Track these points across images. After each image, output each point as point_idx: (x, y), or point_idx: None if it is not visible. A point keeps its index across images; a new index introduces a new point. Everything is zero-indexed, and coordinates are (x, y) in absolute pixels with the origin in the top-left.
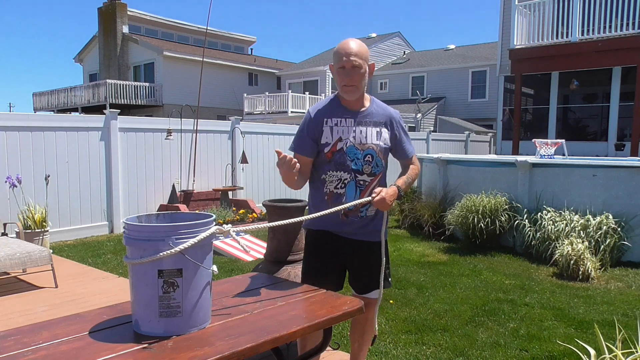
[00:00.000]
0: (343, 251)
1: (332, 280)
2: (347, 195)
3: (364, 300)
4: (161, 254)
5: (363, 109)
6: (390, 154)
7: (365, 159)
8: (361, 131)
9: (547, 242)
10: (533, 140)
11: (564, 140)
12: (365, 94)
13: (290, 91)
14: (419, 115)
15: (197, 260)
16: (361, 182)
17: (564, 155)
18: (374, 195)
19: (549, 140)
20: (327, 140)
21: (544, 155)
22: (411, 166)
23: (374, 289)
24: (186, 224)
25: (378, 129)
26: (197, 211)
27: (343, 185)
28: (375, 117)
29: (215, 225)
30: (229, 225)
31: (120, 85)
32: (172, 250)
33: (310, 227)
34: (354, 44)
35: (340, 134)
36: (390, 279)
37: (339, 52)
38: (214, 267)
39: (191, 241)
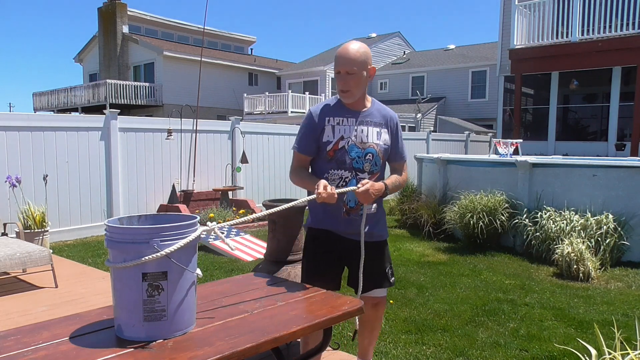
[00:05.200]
0: (344, 252)
1: (332, 280)
2: (348, 194)
3: (373, 300)
4: (146, 257)
5: (364, 109)
6: None
7: (366, 157)
8: (362, 130)
9: (547, 242)
10: (495, 141)
11: (521, 140)
12: (367, 95)
13: (290, 91)
14: (419, 115)
15: (182, 263)
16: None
17: (518, 154)
18: (359, 185)
19: (509, 140)
20: (328, 139)
21: (503, 154)
22: (402, 173)
23: (378, 287)
24: (170, 225)
25: (378, 129)
26: (197, 211)
27: (344, 183)
28: (376, 118)
29: (201, 225)
30: (214, 223)
31: (120, 85)
32: (158, 254)
33: (312, 225)
34: (352, 50)
35: (342, 133)
36: (393, 279)
37: (336, 58)
38: (198, 271)
39: (178, 244)
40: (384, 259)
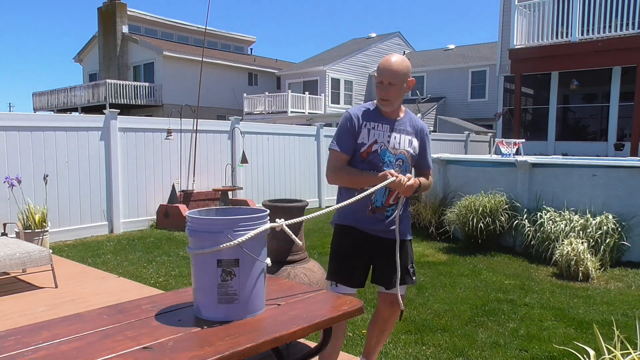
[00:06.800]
0: (369, 248)
1: (357, 275)
2: (377, 194)
3: (392, 297)
4: (221, 245)
5: (398, 118)
6: None
7: (397, 162)
8: (395, 137)
9: (546, 242)
10: (497, 140)
11: (524, 140)
12: (402, 106)
13: (290, 91)
14: (419, 115)
15: (253, 252)
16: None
17: (519, 154)
18: (405, 178)
19: (512, 140)
20: (363, 141)
21: (506, 154)
22: (429, 178)
23: (400, 284)
24: (244, 217)
25: (410, 138)
26: None
27: (373, 185)
28: (408, 127)
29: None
30: (282, 220)
31: (120, 85)
32: (231, 243)
33: (338, 222)
34: (394, 62)
35: (376, 137)
36: (414, 278)
37: (379, 68)
38: (268, 260)
39: (248, 234)
40: (406, 256)
